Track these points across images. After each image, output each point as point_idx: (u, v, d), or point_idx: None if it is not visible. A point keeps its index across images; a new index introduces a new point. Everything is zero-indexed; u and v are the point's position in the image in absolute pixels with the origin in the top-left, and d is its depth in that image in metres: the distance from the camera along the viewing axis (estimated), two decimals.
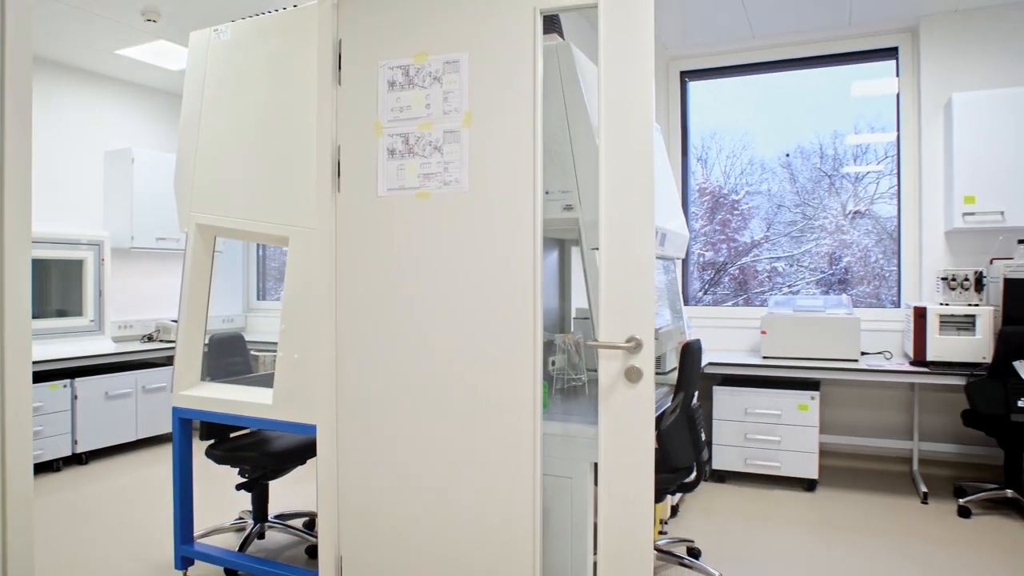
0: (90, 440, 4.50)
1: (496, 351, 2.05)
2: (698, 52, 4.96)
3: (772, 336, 4.11)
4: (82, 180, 5.14)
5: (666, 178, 3.09)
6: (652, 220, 1.86)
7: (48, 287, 4.65)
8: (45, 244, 4.57)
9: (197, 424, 2.88)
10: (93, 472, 4.34)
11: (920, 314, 3.78)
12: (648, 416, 1.88)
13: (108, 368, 4.71)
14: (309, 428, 2.40)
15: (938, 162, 4.27)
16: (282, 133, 2.50)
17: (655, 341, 1.89)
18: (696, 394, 2.77)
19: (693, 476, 2.71)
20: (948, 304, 3.79)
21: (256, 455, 2.89)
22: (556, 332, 3.18)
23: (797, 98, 4.98)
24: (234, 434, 3.06)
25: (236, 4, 3.88)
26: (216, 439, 2.98)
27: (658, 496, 2.17)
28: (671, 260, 3.20)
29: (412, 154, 2.16)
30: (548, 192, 2.26)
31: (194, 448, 2.78)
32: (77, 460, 4.52)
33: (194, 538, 2.83)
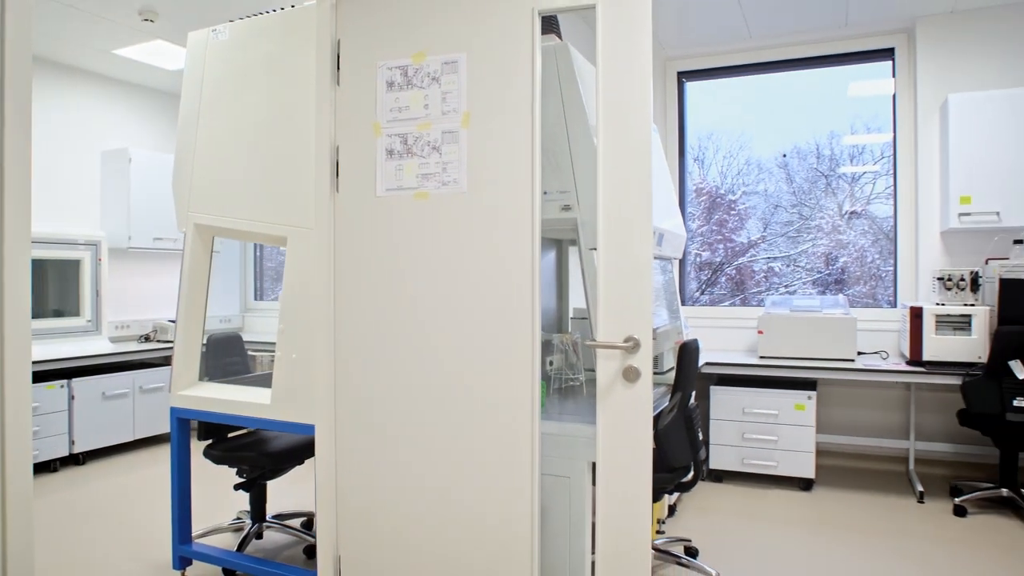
0: (87, 440, 4.49)
1: (494, 351, 2.05)
2: (695, 52, 4.97)
3: (769, 336, 4.12)
4: (79, 180, 5.13)
5: (663, 178, 3.10)
6: (650, 220, 1.87)
7: (45, 287, 4.64)
8: (42, 244, 4.57)
9: (195, 424, 2.88)
10: (90, 472, 4.33)
11: (916, 314, 3.80)
12: (646, 416, 1.89)
13: (105, 368, 4.70)
14: (307, 428, 2.40)
15: (934, 163, 4.29)
16: (280, 133, 2.50)
17: (653, 341, 1.90)
18: (693, 394, 2.78)
19: (690, 475, 2.72)
20: (944, 304, 3.81)
21: (254, 455, 2.89)
22: (554, 332, 3.18)
23: (794, 98, 5.00)
24: (232, 434, 3.07)
25: (234, 4, 3.87)
26: (214, 439, 2.98)
27: (656, 495, 2.18)
28: (668, 260, 3.21)
29: (410, 154, 2.17)
30: (546, 192, 2.26)
31: (192, 448, 2.78)
32: (74, 460, 4.51)
33: (192, 538, 2.83)
